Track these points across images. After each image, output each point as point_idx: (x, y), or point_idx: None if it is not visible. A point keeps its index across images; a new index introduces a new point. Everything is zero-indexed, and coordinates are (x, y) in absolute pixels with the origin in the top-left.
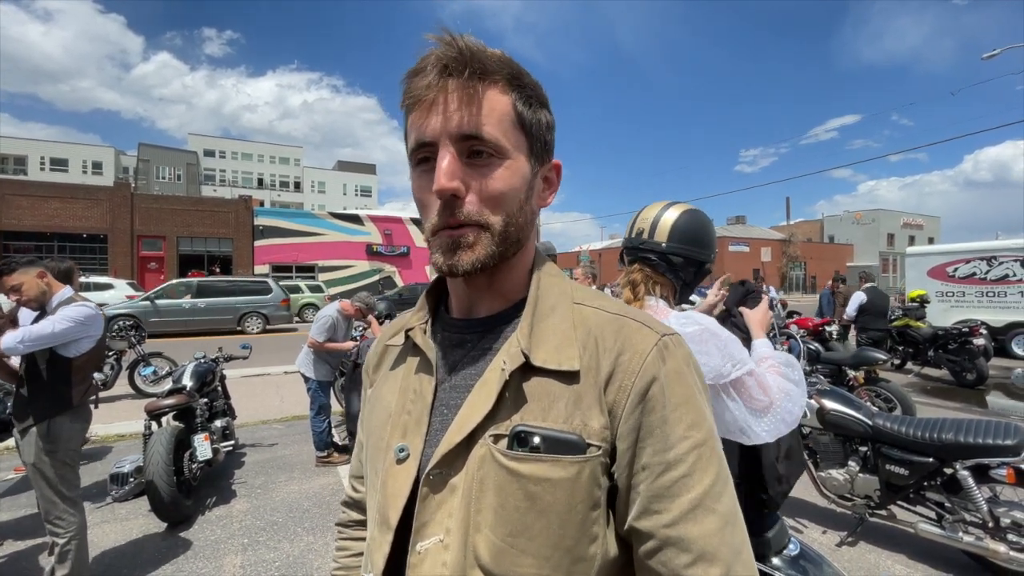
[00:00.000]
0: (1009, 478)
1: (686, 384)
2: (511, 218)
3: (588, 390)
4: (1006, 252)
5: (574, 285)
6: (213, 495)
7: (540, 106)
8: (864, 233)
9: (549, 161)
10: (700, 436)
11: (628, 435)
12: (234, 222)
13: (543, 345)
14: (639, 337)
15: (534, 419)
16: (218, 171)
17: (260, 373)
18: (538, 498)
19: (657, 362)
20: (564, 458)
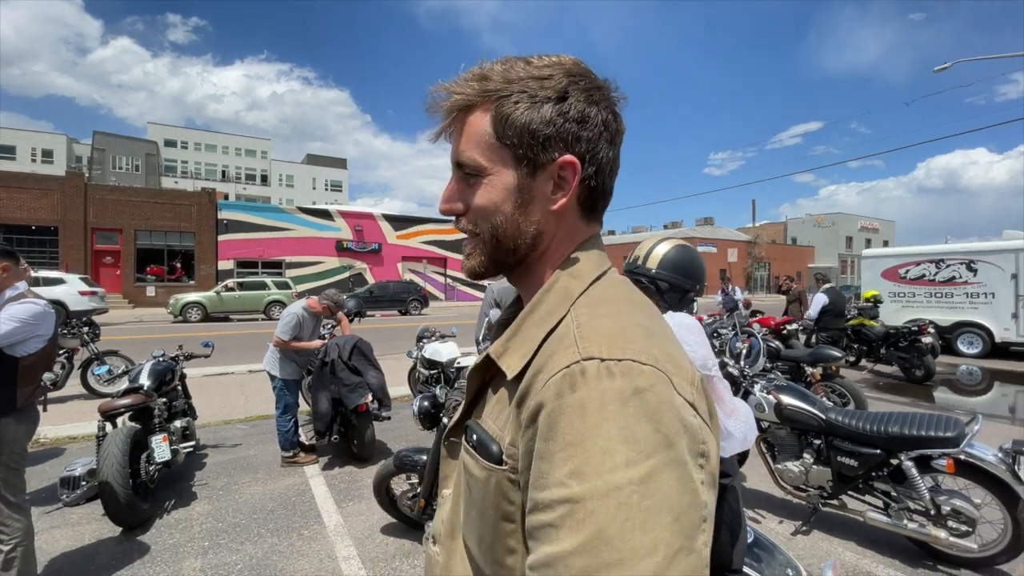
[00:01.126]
0: (949, 468)
1: (588, 423)
2: (497, 228)
3: (515, 402)
4: (953, 255)
5: (593, 289)
6: (172, 498)
7: (538, 103)
8: (824, 235)
9: (552, 160)
10: (578, 490)
11: (523, 458)
12: (196, 215)
13: (517, 351)
14: (561, 355)
15: (490, 418)
16: (180, 162)
17: (223, 372)
18: (471, 488)
19: (557, 388)
20: (481, 460)
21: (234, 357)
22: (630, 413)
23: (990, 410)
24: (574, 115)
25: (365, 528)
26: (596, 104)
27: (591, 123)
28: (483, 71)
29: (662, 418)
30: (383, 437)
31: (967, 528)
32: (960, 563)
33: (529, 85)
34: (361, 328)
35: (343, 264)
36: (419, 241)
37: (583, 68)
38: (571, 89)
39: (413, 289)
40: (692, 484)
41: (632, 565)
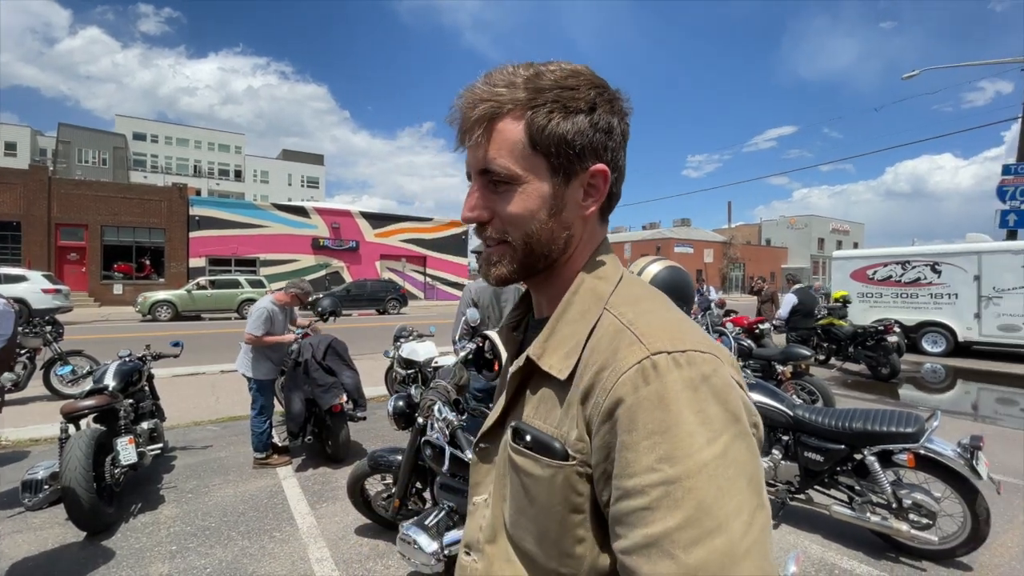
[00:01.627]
0: (909, 462)
1: (669, 411)
2: (531, 236)
3: (574, 401)
4: (918, 257)
5: (621, 288)
6: (138, 501)
7: (571, 113)
8: (797, 237)
9: (585, 169)
10: (673, 472)
11: (597, 452)
12: (167, 211)
13: (557, 351)
14: (626, 352)
15: (539, 419)
16: (149, 156)
17: (194, 372)
18: (528, 488)
19: (633, 383)
20: (543, 459)
21: (205, 357)
22: (702, 397)
23: (953, 407)
24: (603, 126)
25: (339, 529)
26: (616, 115)
27: (615, 133)
28: (508, 78)
29: (727, 398)
30: (358, 437)
31: (928, 521)
32: (921, 555)
33: (561, 95)
34: (338, 327)
35: (319, 262)
36: (398, 239)
37: (602, 80)
38: (598, 100)
39: (391, 288)
40: (755, 450)
41: (728, 527)
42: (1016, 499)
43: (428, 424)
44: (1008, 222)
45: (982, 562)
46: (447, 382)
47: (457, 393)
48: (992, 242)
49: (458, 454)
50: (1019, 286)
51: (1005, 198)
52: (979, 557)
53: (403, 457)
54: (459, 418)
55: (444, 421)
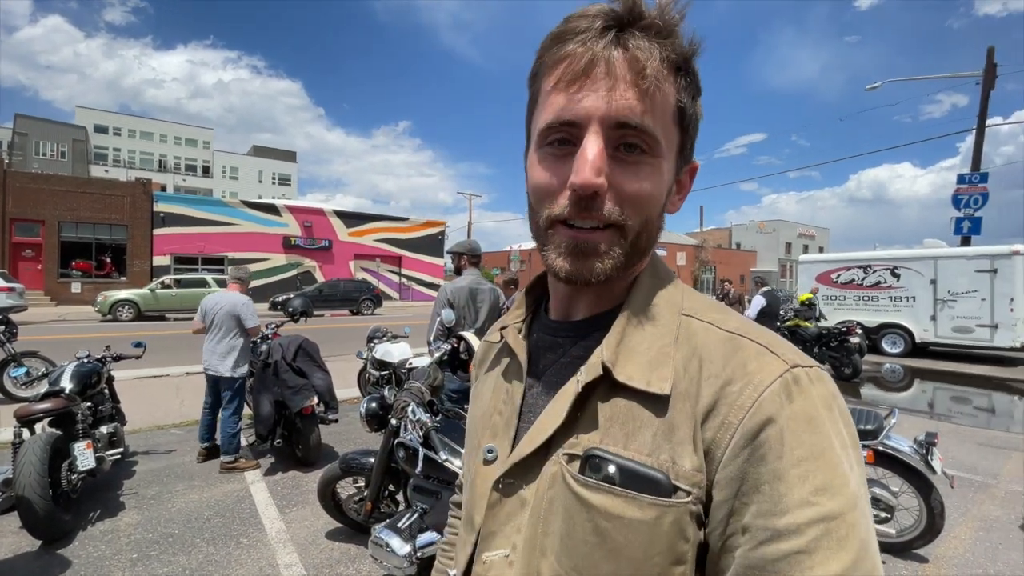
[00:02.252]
0: (868, 458)
1: (821, 433)
2: (648, 224)
3: (683, 421)
4: (879, 261)
5: (687, 293)
6: (97, 508)
7: (697, 96)
8: (766, 241)
9: (689, 161)
10: (833, 506)
11: (728, 485)
12: (129, 207)
13: (633, 359)
14: (758, 364)
15: (615, 444)
16: (111, 150)
17: (158, 374)
18: (608, 536)
19: (779, 399)
20: (643, 497)
21: (170, 358)
22: (836, 418)
23: (911, 405)
24: (697, 118)
25: (309, 534)
26: None
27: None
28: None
29: (850, 419)
30: (329, 440)
31: (886, 515)
32: (882, 549)
33: (692, 67)
34: (309, 328)
35: (291, 262)
36: (373, 239)
37: None
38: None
39: (365, 288)
40: None
41: (878, 566)
42: (969, 493)
43: (402, 426)
44: (962, 229)
45: (938, 554)
46: (421, 383)
47: (431, 394)
48: (947, 248)
49: (432, 455)
50: (972, 290)
51: (960, 206)
52: (935, 549)
53: (375, 459)
54: (433, 419)
55: (418, 423)
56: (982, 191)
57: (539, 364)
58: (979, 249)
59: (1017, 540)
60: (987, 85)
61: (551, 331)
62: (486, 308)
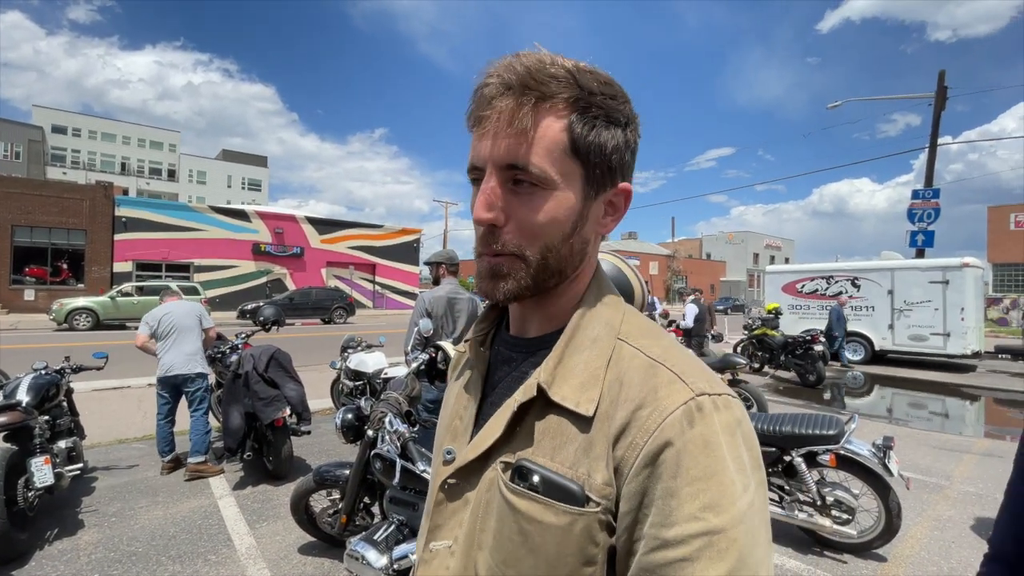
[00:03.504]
0: (831, 462)
1: (715, 457)
2: (550, 251)
3: (600, 439)
4: (840, 272)
5: (629, 318)
6: (55, 527)
7: (611, 125)
8: (735, 251)
9: (613, 185)
10: (717, 522)
11: (632, 498)
12: (89, 211)
13: (569, 380)
14: (667, 391)
15: (544, 456)
16: (70, 151)
17: (119, 386)
18: (530, 536)
19: (679, 424)
20: (559, 505)
21: (132, 369)
22: (737, 443)
23: (871, 411)
24: (633, 143)
25: (280, 549)
26: (638, 135)
27: (634, 150)
28: (553, 69)
29: (754, 444)
30: (302, 453)
31: (848, 516)
32: (843, 548)
33: (606, 103)
34: (280, 338)
35: (260, 269)
36: (346, 246)
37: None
38: (632, 115)
39: (338, 296)
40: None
41: (758, 574)
42: (924, 494)
43: (378, 437)
44: (917, 241)
45: (895, 553)
46: (398, 393)
47: (409, 405)
48: (903, 259)
49: (409, 466)
50: (926, 300)
51: (914, 220)
52: (893, 549)
53: (351, 471)
54: (411, 430)
55: (395, 433)
56: (934, 206)
57: (495, 376)
58: (932, 261)
59: (969, 539)
60: (938, 106)
61: (508, 346)
62: (464, 317)
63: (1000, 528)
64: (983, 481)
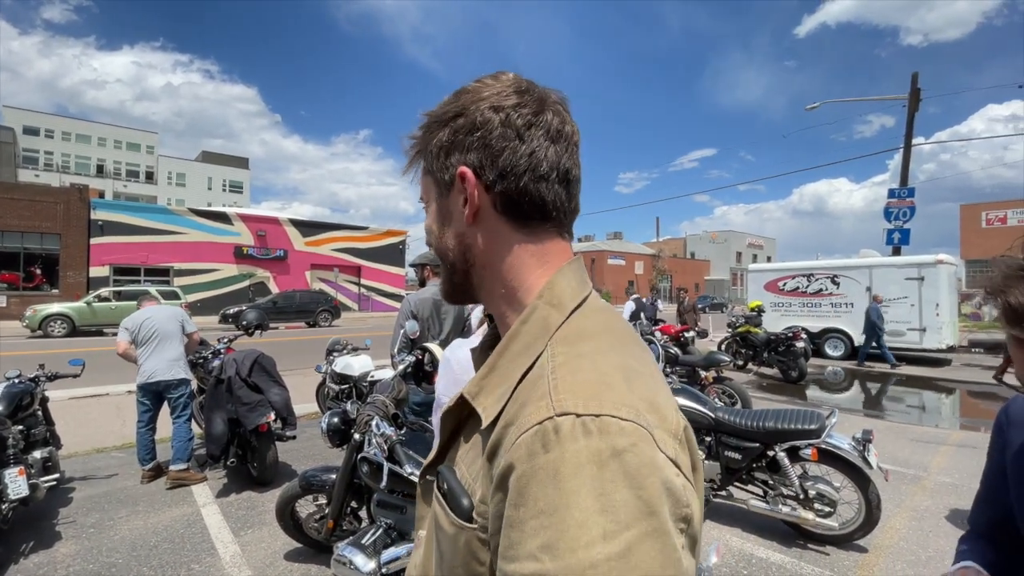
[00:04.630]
0: (813, 456)
1: (562, 490)
2: (436, 250)
3: (484, 455)
4: (820, 270)
5: (574, 320)
6: (31, 539)
7: (437, 128)
8: (718, 251)
9: (453, 176)
10: (552, 567)
11: (493, 520)
12: (63, 215)
13: (492, 391)
14: (533, 407)
15: (464, 464)
16: (43, 153)
17: (96, 394)
18: (439, 540)
19: (528, 448)
20: (451, 515)
21: (110, 376)
22: (608, 478)
23: (851, 405)
24: (466, 126)
25: (266, 556)
26: (496, 110)
27: (491, 126)
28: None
29: (643, 482)
30: (287, 458)
31: (829, 509)
32: (825, 540)
33: (432, 122)
34: (264, 342)
35: (243, 272)
36: (330, 248)
37: (489, 82)
38: (469, 105)
39: (323, 299)
40: (675, 554)
41: None
42: (903, 485)
43: (365, 440)
44: (893, 239)
45: (876, 543)
46: (385, 396)
47: (395, 407)
48: (881, 257)
49: (397, 469)
50: (903, 296)
51: (890, 218)
52: (873, 539)
53: (338, 476)
54: (398, 433)
55: (382, 436)
56: (910, 205)
57: None
58: (908, 258)
59: (946, 528)
60: (912, 107)
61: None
62: (451, 320)
63: (977, 510)
64: (958, 472)
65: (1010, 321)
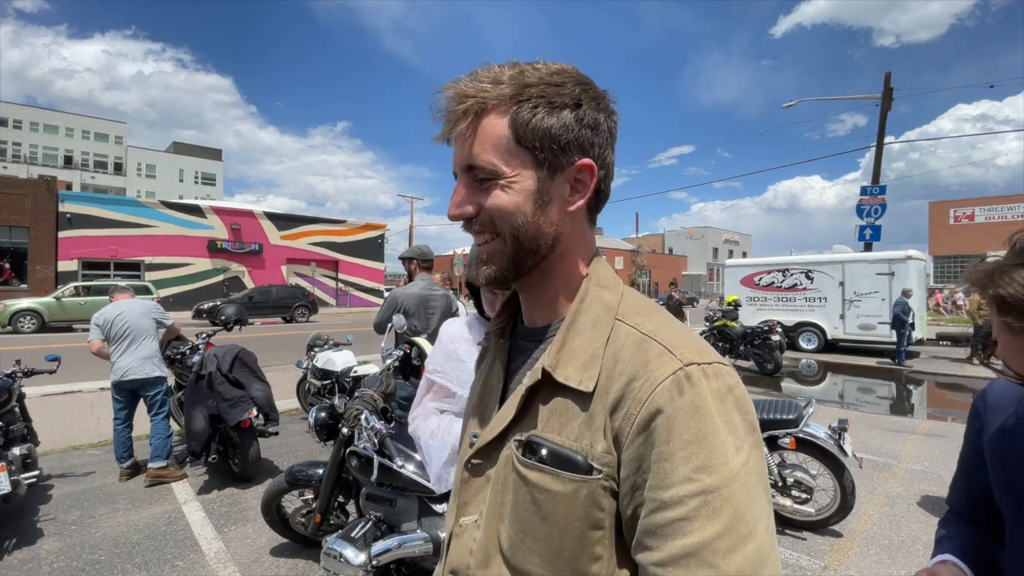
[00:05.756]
0: (790, 444)
1: (704, 421)
2: (519, 230)
3: (599, 412)
4: (795, 265)
5: (627, 298)
6: (12, 536)
7: (555, 109)
8: (696, 246)
9: (571, 163)
10: (711, 481)
11: (629, 464)
12: (31, 207)
13: (572, 362)
14: (657, 363)
15: (552, 432)
16: (11, 144)
17: (69, 390)
18: (541, 505)
19: (669, 393)
20: (565, 474)
21: (81, 372)
22: (729, 408)
23: (824, 396)
24: (589, 121)
25: (251, 552)
26: (603, 111)
27: (601, 129)
28: (493, 75)
29: (747, 408)
30: (269, 454)
31: (807, 496)
32: (802, 526)
33: (546, 91)
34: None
35: (216, 266)
36: (307, 242)
37: (587, 78)
38: (583, 97)
39: (300, 294)
40: (765, 455)
41: (757, 533)
42: (875, 473)
43: (355, 434)
44: (865, 236)
45: (850, 529)
46: (373, 390)
47: (384, 401)
48: (853, 253)
49: (387, 463)
50: (874, 291)
51: (862, 215)
52: (848, 525)
53: (325, 470)
54: (387, 427)
55: (372, 430)
56: (881, 202)
57: (513, 365)
58: (879, 254)
59: (917, 513)
60: (885, 106)
61: (523, 336)
62: (438, 315)
63: (955, 491)
64: (928, 459)
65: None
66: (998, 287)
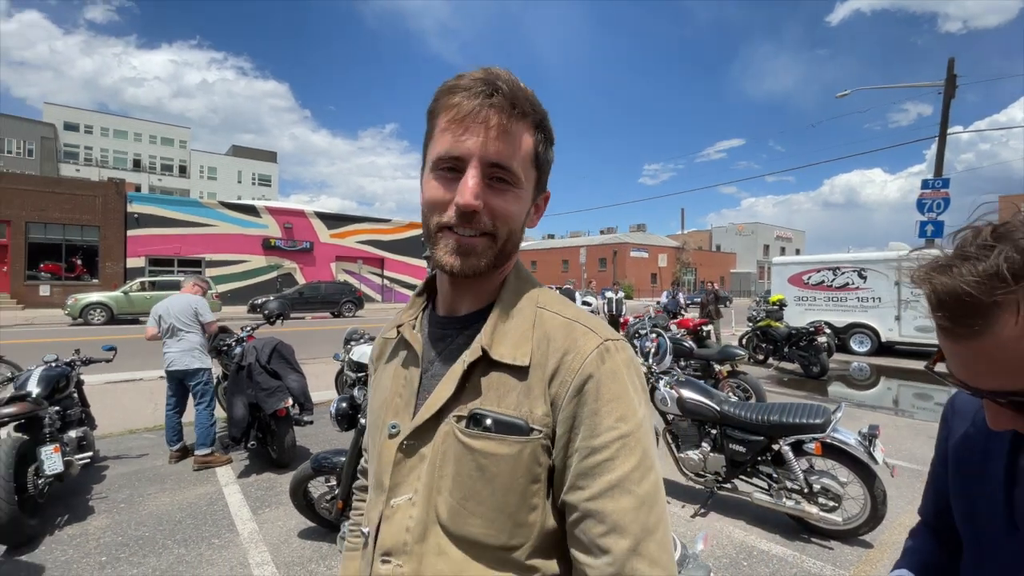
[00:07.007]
0: (817, 450)
1: (620, 383)
2: (512, 236)
3: (536, 383)
4: (847, 264)
5: (543, 292)
6: (65, 513)
7: (551, 145)
8: (745, 243)
9: (542, 191)
10: (626, 428)
11: (565, 422)
12: (102, 208)
13: (504, 342)
14: (584, 340)
15: (491, 405)
16: (83, 148)
17: (131, 379)
18: (486, 469)
19: (596, 362)
20: (510, 438)
21: (145, 362)
22: (632, 373)
23: (876, 402)
24: (553, 159)
25: (281, 533)
26: None
27: None
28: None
29: (641, 373)
30: (305, 442)
31: (834, 503)
32: (829, 535)
33: (550, 126)
34: (289, 331)
35: (271, 263)
36: (355, 241)
37: None
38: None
39: (347, 290)
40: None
41: (655, 463)
42: (916, 483)
43: None
44: (926, 232)
45: (881, 540)
46: None
47: None
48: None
49: None
50: None
51: (924, 210)
52: (879, 535)
53: (346, 458)
54: None
55: None
56: (944, 196)
57: (432, 352)
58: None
59: None
60: (948, 95)
61: (441, 325)
62: None
63: (924, 500)
64: None
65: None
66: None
